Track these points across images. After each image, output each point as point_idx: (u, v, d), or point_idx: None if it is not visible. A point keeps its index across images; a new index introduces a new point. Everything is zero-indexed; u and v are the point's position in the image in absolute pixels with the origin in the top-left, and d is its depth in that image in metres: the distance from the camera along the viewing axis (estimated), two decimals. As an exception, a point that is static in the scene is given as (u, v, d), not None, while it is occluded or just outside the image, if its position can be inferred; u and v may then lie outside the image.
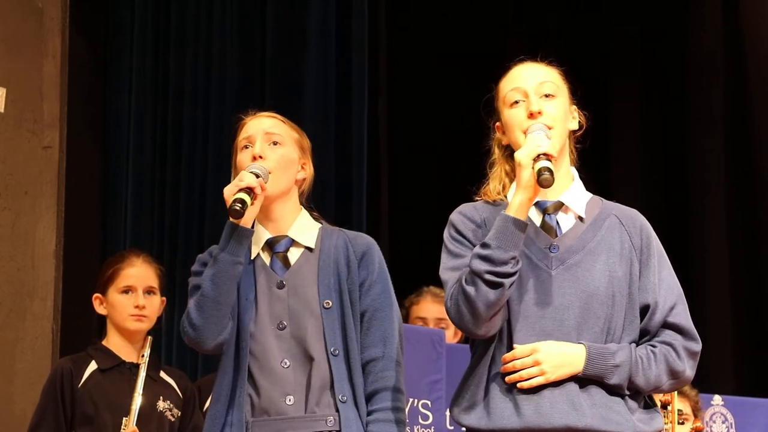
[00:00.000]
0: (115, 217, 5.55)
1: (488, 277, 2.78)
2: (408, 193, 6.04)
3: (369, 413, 3.02)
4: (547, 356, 2.80)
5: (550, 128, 2.91)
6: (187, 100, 5.57)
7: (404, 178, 6.03)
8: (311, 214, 3.20)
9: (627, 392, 2.85)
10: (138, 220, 5.52)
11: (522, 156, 2.80)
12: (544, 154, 2.79)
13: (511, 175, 3.01)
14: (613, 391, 2.84)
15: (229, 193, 2.96)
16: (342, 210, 5.30)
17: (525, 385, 2.80)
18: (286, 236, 3.12)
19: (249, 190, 2.95)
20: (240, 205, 2.92)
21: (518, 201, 2.81)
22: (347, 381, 3.02)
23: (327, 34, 5.55)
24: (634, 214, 3.01)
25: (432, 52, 6.23)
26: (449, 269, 2.92)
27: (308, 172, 3.20)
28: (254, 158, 3.07)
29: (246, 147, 3.11)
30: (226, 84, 5.55)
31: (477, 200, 3.04)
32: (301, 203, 3.19)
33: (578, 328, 2.84)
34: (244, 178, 2.96)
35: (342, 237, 3.15)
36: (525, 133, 2.91)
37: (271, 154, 3.09)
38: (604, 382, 2.83)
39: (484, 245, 2.80)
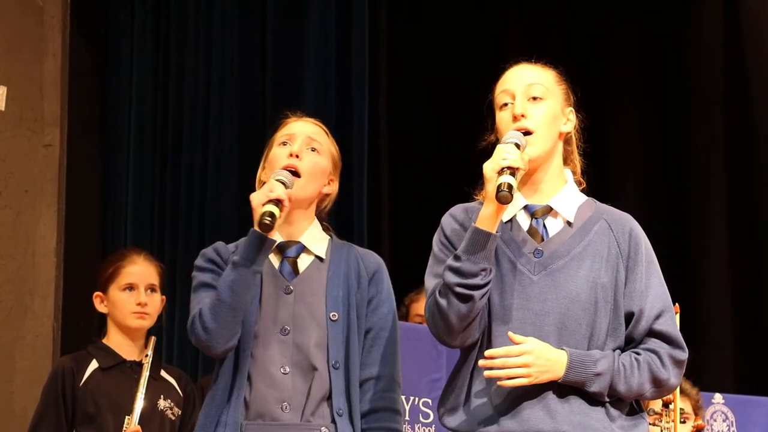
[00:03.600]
0: (116, 216, 5.55)
1: (458, 290, 2.78)
2: (408, 192, 6.04)
3: (365, 430, 3.02)
4: (537, 359, 2.78)
5: (531, 132, 2.90)
6: (187, 98, 5.56)
7: (405, 177, 6.02)
8: (322, 225, 3.19)
9: (608, 399, 2.84)
10: (139, 219, 5.51)
11: (487, 169, 2.80)
12: (509, 167, 2.78)
13: None
14: (594, 399, 2.83)
15: (258, 202, 2.93)
16: (342, 208, 5.28)
17: (508, 384, 2.78)
18: (298, 242, 3.11)
19: (277, 202, 2.93)
20: (270, 218, 2.90)
21: (485, 213, 2.80)
22: (344, 395, 3.02)
23: (327, 34, 5.54)
24: (625, 218, 2.98)
25: (433, 52, 6.23)
26: (431, 277, 2.93)
27: (333, 189, 3.20)
28: (291, 155, 3.07)
29: (285, 144, 3.11)
30: (226, 83, 5.55)
31: (475, 200, 3.03)
32: (320, 218, 3.19)
33: (558, 334, 2.83)
34: (274, 189, 2.94)
35: (353, 252, 3.15)
36: None
37: (306, 158, 3.09)
38: (584, 389, 2.81)
39: (456, 257, 2.81)
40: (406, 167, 6.02)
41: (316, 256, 3.11)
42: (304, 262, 3.10)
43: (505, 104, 2.95)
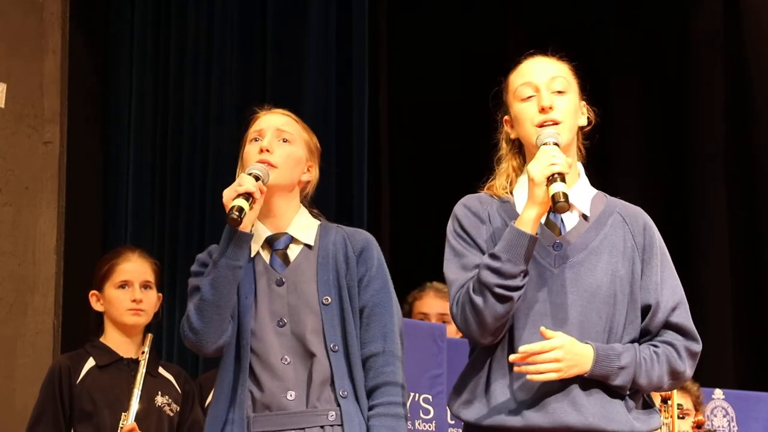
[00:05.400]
0: (116, 213, 5.55)
1: (498, 290, 2.79)
2: (409, 189, 6.03)
3: (370, 408, 3.02)
4: (566, 354, 2.78)
5: (558, 123, 2.91)
6: (187, 95, 5.56)
7: (405, 174, 6.02)
8: (310, 212, 3.19)
9: (628, 392, 2.86)
10: (139, 216, 5.51)
11: (536, 173, 2.79)
12: (559, 174, 2.79)
13: (518, 171, 3.02)
14: (614, 391, 2.85)
15: (228, 198, 2.94)
16: (343, 206, 5.29)
17: (537, 378, 2.78)
18: (286, 233, 3.11)
19: (248, 195, 2.93)
20: (238, 213, 2.90)
21: (529, 216, 2.81)
22: (347, 376, 3.02)
23: (327, 31, 5.54)
24: (638, 212, 3.01)
25: (433, 48, 6.22)
26: (454, 269, 2.92)
27: (313, 175, 3.19)
28: (261, 151, 3.07)
29: (256, 139, 3.12)
30: (226, 79, 5.54)
31: (481, 192, 3.03)
32: (303, 205, 3.19)
33: (580, 327, 2.84)
34: (243, 183, 2.95)
35: (340, 233, 3.15)
36: (537, 126, 2.91)
37: (278, 150, 3.09)
38: (608, 383, 2.83)
39: (494, 257, 2.80)
40: (406, 162, 6.02)
41: (305, 245, 3.11)
42: (293, 252, 3.11)
43: (528, 97, 2.95)
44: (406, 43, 6.12)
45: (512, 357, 2.81)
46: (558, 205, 2.76)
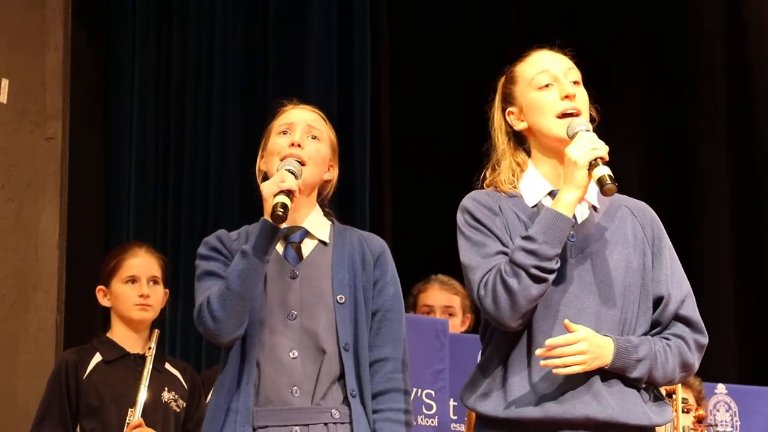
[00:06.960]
0: (118, 209, 5.55)
1: (534, 271, 2.76)
2: (411, 186, 6.04)
3: (376, 411, 3.03)
4: (590, 346, 2.77)
5: (579, 112, 2.89)
6: (189, 90, 5.57)
7: (407, 169, 6.03)
8: (324, 211, 3.20)
9: (643, 385, 2.86)
10: (141, 212, 5.52)
11: (578, 156, 2.77)
12: (601, 158, 2.77)
13: (523, 165, 2.99)
14: (630, 383, 2.85)
15: (270, 192, 2.93)
16: (345, 200, 5.29)
17: (562, 372, 2.77)
18: (302, 227, 3.12)
19: (288, 192, 2.93)
20: (283, 210, 2.90)
21: (569, 199, 2.79)
22: (355, 377, 3.03)
23: (329, 31, 5.55)
24: (644, 206, 3.02)
25: (435, 45, 6.23)
26: (474, 256, 2.88)
27: (334, 174, 3.20)
28: (292, 144, 3.07)
29: (285, 132, 3.12)
30: (228, 74, 5.55)
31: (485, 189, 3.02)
32: (322, 205, 3.19)
33: (597, 317, 2.84)
34: (285, 179, 2.94)
35: (356, 235, 3.16)
36: (558, 117, 2.89)
37: (308, 146, 3.10)
38: (625, 375, 2.83)
39: (529, 239, 2.78)
40: (408, 157, 6.03)
41: (320, 241, 3.12)
42: (307, 246, 3.11)
43: (546, 85, 2.92)
44: (407, 43, 6.13)
45: (539, 351, 2.79)
46: (606, 187, 2.74)
